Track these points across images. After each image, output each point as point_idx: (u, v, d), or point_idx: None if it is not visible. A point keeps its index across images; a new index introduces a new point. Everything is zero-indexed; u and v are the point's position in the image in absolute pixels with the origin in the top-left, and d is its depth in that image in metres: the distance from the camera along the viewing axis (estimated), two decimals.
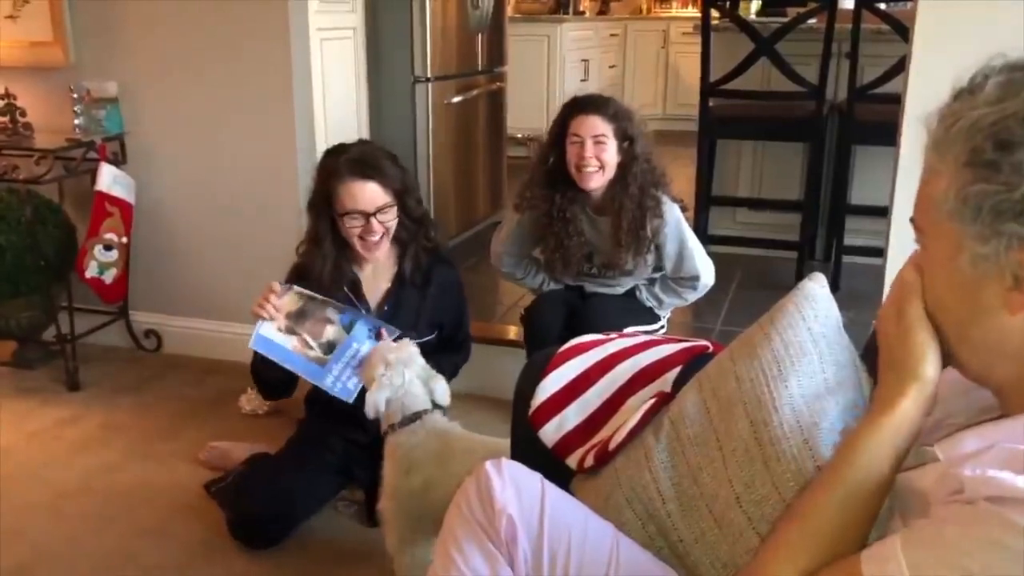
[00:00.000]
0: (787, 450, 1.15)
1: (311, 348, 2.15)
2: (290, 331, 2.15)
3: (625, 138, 2.43)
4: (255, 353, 2.16)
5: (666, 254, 2.50)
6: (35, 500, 2.44)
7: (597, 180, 2.44)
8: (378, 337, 2.14)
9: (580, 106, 2.45)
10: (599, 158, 2.40)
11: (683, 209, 2.56)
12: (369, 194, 2.14)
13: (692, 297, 2.60)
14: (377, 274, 2.30)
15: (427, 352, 2.21)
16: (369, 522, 2.26)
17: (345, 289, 2.24)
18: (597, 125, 2.40)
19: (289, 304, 2.16)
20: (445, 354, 2.33)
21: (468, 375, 3.04)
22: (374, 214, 2.14)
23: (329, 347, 2.15)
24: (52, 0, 3.20)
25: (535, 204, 2.54)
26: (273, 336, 2.13)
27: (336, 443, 2.30)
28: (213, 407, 2.96)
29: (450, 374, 2.27)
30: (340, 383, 2.12)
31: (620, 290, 2.62)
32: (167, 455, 2.66)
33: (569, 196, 2.49)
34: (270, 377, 2.24)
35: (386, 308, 2.27)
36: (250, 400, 2.93)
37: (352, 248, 2.24)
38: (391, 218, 2.18)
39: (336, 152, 2.22)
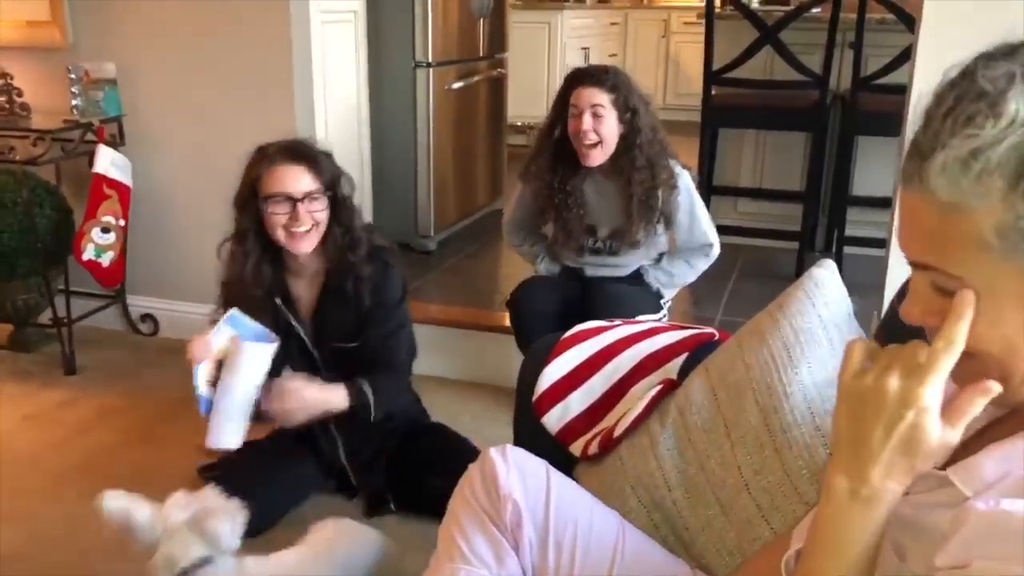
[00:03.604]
0: (798, 437, 1.14)
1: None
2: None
3: (627, 110, 2.40)
4: None
5: (678, 222, 2.50)
6: (32, 484, 2.42)
7: (597, 156, 2.42)
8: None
9: (579, 78, 2.44)
10: (597, 131, 2.38)
11: (693, 178, 2.55)
12: (297, 176, 1.97)
13: (703, 265, 2.57)
14: (307, 282, 2.15)
15: (358, 361, 2.09)
16: (367, 512, 2.24)
17: (277, 301, 2.10)
18: (594, 95, 2.37)
19: (222, 347, 1.99)
20: (380, 376, 2.11)
21: (467, 362, 3.04)
22: (301, 200, 1.96)
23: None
24: None
25: (538, 175, 2.53)
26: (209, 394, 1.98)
27: (321, 441, 2.26)
28: None
29: (400, 394, 2.17)
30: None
31: (623, 271, 2.59)
32: (164, 439, 2.63)
33: (571, 169, 2.48)
34: None
35: (317, 318, 2.14)
36: None
37: (280, 254, 2.09)
38: (320, 209, 2.00)
39: (269, 144, 2.07)
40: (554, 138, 2.49)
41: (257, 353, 1.96)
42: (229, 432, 1.97)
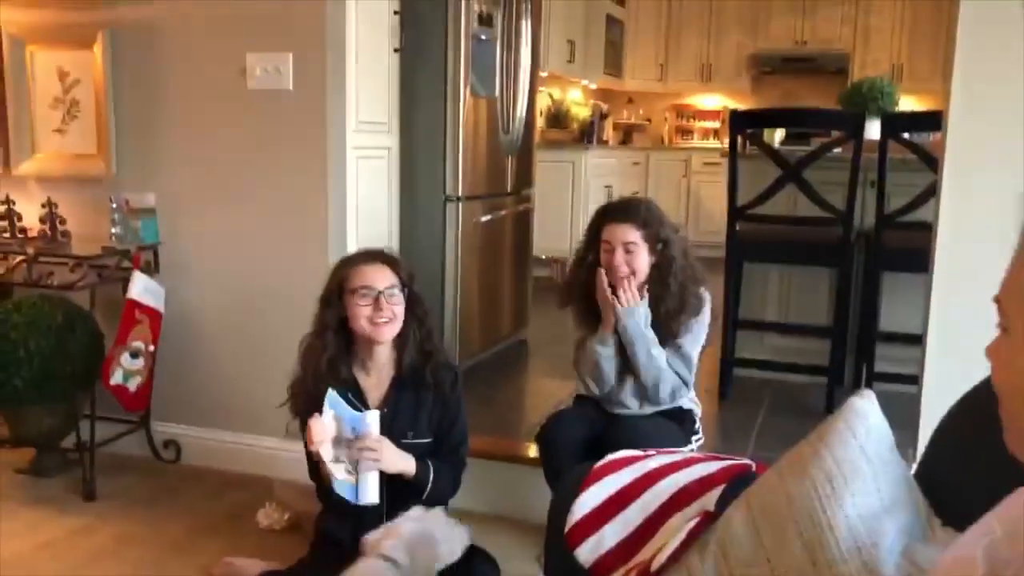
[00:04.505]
0: (846, 573, 1.10)
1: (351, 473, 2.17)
2: (337, 459, 2.15)
3: (658, 241, 2.47)
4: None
5: (683, 331, 2.50)
6: None
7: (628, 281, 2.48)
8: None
9: (611, 213, 2.51)
10: (630, 264, 2.44)
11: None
12: (379, 271, 2.25)
13: (678, 373, 2.49)
14: (377, 377, 2.32)
15: (424, 455, 2.25)
16: None
17: (349, 395, 2.24)
18: (627, 233, 2.44)
19: (329, 429, 2.16)
20: (443, 463, 2.29)
21: (489, 495, 2.96)
22: (382, 292, 2.20)
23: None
24: (98, 115, 3.31)
25: (572, 301, 2.60)
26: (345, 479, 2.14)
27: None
28: (229, 521, 2.89)
29: (452, 488, 2.31)
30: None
31: (647, 408, 2.55)
32: (180, 569, 2.57)
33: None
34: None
35: (385, 410, 2.26)
36: (267, 515, 2.85)
37: (354, 348, 2.28)
38: (399, 303, 2.24)
39: (353, 252, 2.43)
40: (586, 264, 2.54)
41: (377, 419, 2.19)
42: (374, 488, 2.15)
